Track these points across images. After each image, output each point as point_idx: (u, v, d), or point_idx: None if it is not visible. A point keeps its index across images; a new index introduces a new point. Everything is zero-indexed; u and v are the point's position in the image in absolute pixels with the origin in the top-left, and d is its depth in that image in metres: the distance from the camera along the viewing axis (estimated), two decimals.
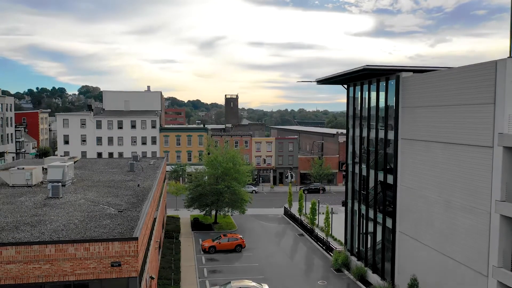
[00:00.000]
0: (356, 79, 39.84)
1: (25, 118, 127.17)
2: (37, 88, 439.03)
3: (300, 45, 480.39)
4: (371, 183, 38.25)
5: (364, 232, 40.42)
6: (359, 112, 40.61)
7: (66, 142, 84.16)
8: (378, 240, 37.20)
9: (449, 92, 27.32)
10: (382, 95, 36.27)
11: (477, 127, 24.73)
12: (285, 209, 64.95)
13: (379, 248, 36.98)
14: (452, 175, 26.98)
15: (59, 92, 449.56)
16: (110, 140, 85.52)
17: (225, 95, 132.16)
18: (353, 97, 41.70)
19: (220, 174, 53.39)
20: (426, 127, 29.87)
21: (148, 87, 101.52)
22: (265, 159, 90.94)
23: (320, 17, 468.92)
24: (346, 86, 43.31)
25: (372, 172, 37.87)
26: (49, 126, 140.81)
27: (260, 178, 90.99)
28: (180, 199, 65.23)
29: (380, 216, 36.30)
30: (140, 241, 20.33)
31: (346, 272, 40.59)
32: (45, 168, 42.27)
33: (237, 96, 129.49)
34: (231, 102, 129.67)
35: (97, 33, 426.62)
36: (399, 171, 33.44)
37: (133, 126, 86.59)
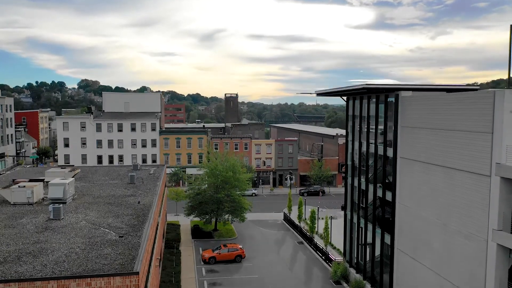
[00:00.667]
0: (355, 94, 39.92)
1: (25, 117, 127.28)
2: (36, 82, 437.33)
3: (300, 37, 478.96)
4: (370, 198, 38.51)
5: (363, 243, 40.73)
6: (358, 126, 40.73)
7: (66, 145, 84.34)
8: (376, 254, 37.53)
9: (448, 116, 27.41)
10: (381, 111, 36.36)
11: (475, 154, 24.88)
12: (284, 214, 65.31)
13: (378, 261, 37.34)
14: (450, 199, 27.18)
15: (59, 86, 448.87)
16: (110, 143, 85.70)
17: (225, 94, 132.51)
18: (352, 111, 41.79)
19: (220, 183, 53.64)
20: (425, 149, 30.01)
21: (148, 88, 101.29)
22: (265, 161, 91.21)
23: (320, 10, 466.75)
24: (345, 98, 43.40)
25: (371, 187, 38.09)
26: (49, 125, 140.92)
27: (260, 180, 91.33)
28: (181, 206, 65.47)
29: (379, 231, 36.59)
30: (141, 274, 20.59)
31: (345, 284, 40.99)
32: (46, 181, 42.86)
33: (236, 95, 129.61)
34: (231, 101, 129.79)
35: (96, 25, 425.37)
36: (397, 189, 33.65)
37: (133, 129, 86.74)
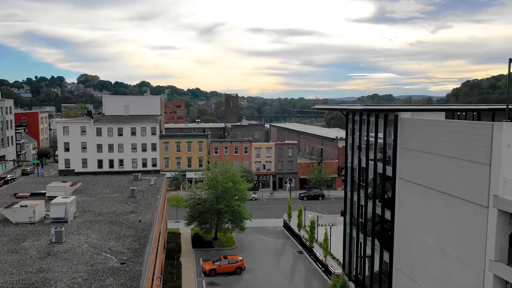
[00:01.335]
0: (355, 110, 40.05)
1: (25, 118, 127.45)
2: (36, 77, 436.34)
3: (300, 31, 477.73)
4: (369, 214, 38.81)
5: (362, 256, 41.07)
6: (358, 142, 40.93)
7: (67, 149, 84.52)
8: (375, 270, 37.90)
9: (447, 143, 27.59)
10: (380, 129, 36.52)
11: (473, 184, 25.11)
12: (284, 221, 65.65)
13: (376, 275, 37.68)
14: (448, 225, 27.46)
15: (58, 81, 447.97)
16: (111, 147, 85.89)
17: (225, 94, 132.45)
18: (352, 127, 41.95)
19: (220, 193, 53.92)
20: (423, 172, 30.23)
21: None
22: (264, 165, 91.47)
23: (320, 3, 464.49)
24: (345, 113, 43.54)
25: (370, 203, 38.38)
26: (49, 125, 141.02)
27: (260, 183, 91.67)
28: (181, 212, 65.78)
29: (378, 248, 36.93)
30: None
31: None
32: (47, 195, 43.20)
33: (236, 95, 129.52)
34: (231, 101, 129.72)
35: (96, 19, 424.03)
36: (396, 209, 33.93)
37: (133, 133, 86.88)
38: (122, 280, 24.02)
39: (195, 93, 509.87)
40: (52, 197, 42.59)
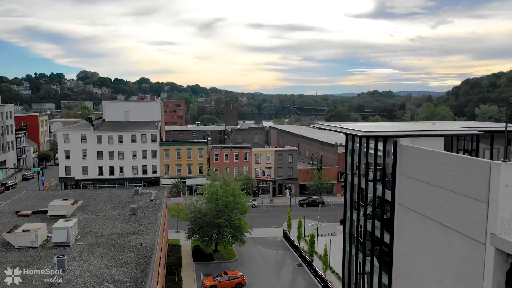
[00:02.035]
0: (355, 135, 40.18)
1: (25, 121, 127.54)
2: (35, 74, 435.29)
3: (300, 26, 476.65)
4: (368, 235, 39.11)
5: (361, 273, 41.42)
6: (357, 162, 41.14)
7: (67, 157, 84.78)
8: None
9: (445, 175, 27.77)
10: (380, 151, 36.69)
11: (471, 219, 25.34)
12: (284, 232, 66.04)
13: None
14: (446, 257, 27.74)
15: (58, 78, 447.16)
16: (111, 155, 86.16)
17: (225, 97, 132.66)
18: (351, 147, 42.16)
19: (221, 207, 54.28)
20: (422, 201, 30.44)
21: (148, 95, 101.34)
22: (264, 171, 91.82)
23: None
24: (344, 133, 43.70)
25: (369, 224, 38.67)
26: (49, 128, 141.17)
27: (260, 189, 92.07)
28: (182, 222, 66.13)
29: (377, 270, 37.29)
30: None
31: None
32: (49, 214, 43.52)
33: (236, 98, 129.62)
34: (231, 104, 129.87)
35: (95, 14, 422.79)
36: (395, 234, 34.20)
37: (133, 140, 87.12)
38: None
39: (195, 89, 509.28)
40: (54, 216, 43.02)
